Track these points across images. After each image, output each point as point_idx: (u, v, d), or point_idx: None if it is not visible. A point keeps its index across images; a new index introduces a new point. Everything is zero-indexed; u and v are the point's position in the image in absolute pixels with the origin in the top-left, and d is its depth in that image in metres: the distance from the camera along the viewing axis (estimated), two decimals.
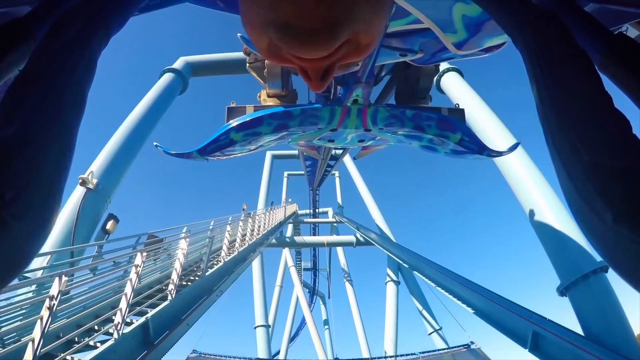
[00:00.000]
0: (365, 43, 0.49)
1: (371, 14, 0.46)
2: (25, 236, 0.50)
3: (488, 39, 1.85)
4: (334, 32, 0.44)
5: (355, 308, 26.88)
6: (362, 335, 24.86)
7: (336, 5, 0.43)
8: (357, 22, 0.45)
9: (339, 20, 0.44)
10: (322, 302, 37.57)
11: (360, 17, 0.45)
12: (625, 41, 0.76)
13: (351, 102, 2.69)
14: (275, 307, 26.37)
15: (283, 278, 28.20)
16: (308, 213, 30.64)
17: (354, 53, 0.50)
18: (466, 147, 2.93)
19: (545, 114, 0.65)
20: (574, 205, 0.58)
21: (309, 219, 30.15)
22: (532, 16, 0.73)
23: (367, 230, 21.18)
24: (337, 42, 0.45)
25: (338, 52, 0.48)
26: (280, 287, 27.76)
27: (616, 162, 0.52)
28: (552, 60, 0.67)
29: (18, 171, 0.50)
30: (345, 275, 29.82)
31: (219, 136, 2.74)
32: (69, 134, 0.61)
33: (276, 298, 27.04)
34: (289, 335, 29.15)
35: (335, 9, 0.43)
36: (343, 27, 0.44)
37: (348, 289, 28.42)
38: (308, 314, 19.73)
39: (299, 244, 24.59)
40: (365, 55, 0.52)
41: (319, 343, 17.46)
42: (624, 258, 0.50)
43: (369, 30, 0.48)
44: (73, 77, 0.64)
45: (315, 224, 30.51)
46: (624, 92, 0.73)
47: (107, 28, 0.74)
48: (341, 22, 0.44)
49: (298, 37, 0.44)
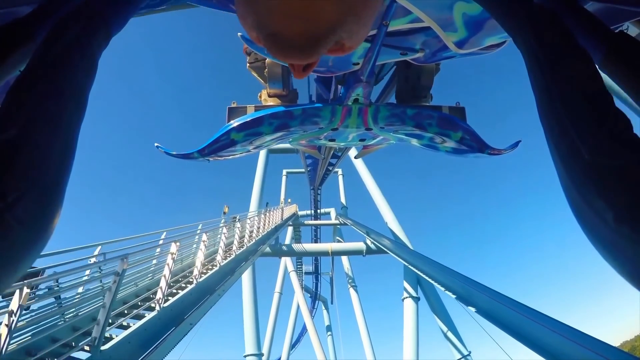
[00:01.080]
0: (349, 46, 0.53)
1: (357, 26, 0.50)
2: (28, 238, 0.50)
3: (489, 37, 1.85)
4: (316, 47, 0.48)
5: (360, 316, 25.56)
6: (368, 346, 24.00)
7: (322, 24, 0.46)
8: (341, 35, 0.49)
9: (323, 37, 0.47)
10: (324, 307, 36.22)
11: (345, 29, 0.49)
12: (626, 40, 0.76)
13: (352, 101, 2.70)
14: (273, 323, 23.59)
15: (283, 283, 26.53)
16: (309, 214, 29.01)
17: (336, 52, 0.54)
18: (467, 146, 2.93)
19: (546, 113, 0.65)
20: (575, 205, 0.58)
21: (310, 221, 28.25)
22: (532, 15, 0.73)
23: (379, 236, 18.28)
24: (318, 54, 0.49)
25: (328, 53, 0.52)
26: (279, 294, 25.98)
27: (617, 161, 0.52)
28: (552, 59, 0.66)
29: (20, 173, 0.50)
30: (350, 281, 28.23)
31: (220, 136, 2.75)
32: (71, 135, 0.61)
33: (275, 305, 25.20)
34: (290, 341, 27.94)
35: (321, 27, 0.46)
36: (326, 42, 0.48)
37: (352, 296, 27.07)
38: (309, 321, 18.69)
39: (299, 253, 22.23)
40: (346, 53, 0.57)
41: (321, 350, 16.20)
42: (625, 258, 0.49)
43: (352, 37, 0.52)
44: (74, 79, 0.64)
45: (316, 226, 28.52)
46: (625, 91, 0.73)
47: (107, 29, 0.74)
48: (324, 38, 0.47)
49: (283, 48, 0.48)
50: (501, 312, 7.18)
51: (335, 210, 30.43)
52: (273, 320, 24.11)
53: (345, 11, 0.47)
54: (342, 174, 31.33)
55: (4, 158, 0.50)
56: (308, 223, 27.87)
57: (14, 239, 0.47)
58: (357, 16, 0.49)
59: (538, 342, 5.96)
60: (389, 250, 16.78)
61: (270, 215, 16.95)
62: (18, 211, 0.48)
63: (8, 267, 0.49)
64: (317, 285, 33.68)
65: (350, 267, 29.35)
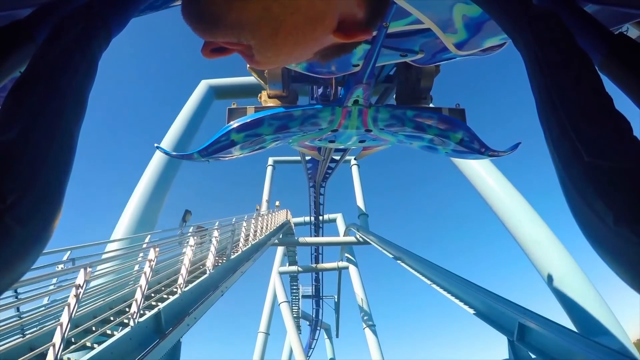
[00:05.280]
0: (257, 60, 0.57)
1: (269, 40, 0.53)
2: (28, 240, 0.50)
3: (488, 39, 1.85)
4: (213, 27, 0.52)
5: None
6: None
7: (235, 10, 0.49)
8: (247, 36, 0.53)
9: (223, 22, 0.51)
10: (326, 335, 27.97)
11: (255, 36, 0.53)
12: (626, 41, 0.76)
13: (352, 102, 2.70)
14: None
15: (270, 318, 19.31)
16: (307, 222, 21.39)
17: (247, 58, 0.58)
18: (467, 147, 2.94)
19: (545, 114, 0.65)
20: (575, 207, 0.58)
21: (311, 239, 19.69)
22: (532, 16, 0.73)
23: (432, 269, 10.42)
24: (212, 36, 0.54)
25: (231, 45, 0.56)
26: (265, 335, 19.20)
27: (617, 163, 0.52)
28: (552, 60, 0.66)
29: (20, 174, 0.50)
30: (365, 318, 19.13)
31: (220, 137, 2.75)
32: (70, 137, 0.61)
33: (260, 349, 18.71)
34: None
35: (231, 12, 0.50)
36: (224, 30, 0.52)
37: (369, 339, 18.48)
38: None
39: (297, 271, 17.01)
40: (257, 67, 0.61)
41: None
42: (626, 260, 0.49)
43: (261, 51, 0.55)
44: (74, 80, 0.64)
45: (319, 245, 20.18)
46: (625, 92, 0.73)
47: (107, 30, 0.74)
48: (224, 25, 0.51)
49: (189, 10, 0.53)
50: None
51: (342, 217, 23.10)
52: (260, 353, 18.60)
53: (263, 18, 0.50)
54: (356, 163, 22.07)
55: (3, 159, 0.50)
56: (308, 242, 19.34)
57: (14, 240, 0.47)
58: (275, 32, 0.52)
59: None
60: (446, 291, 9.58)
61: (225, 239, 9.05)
62: (18, 212, 0.48)
63: (8, 269, 0.48)
64: (318, 312, 26.04)
65: (364, 295, 19.92)
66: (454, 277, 9.99)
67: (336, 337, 26.30)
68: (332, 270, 21.81)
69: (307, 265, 21.50)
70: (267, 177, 22.14)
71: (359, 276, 20.60)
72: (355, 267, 20.83)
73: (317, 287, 24.61)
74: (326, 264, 21.72)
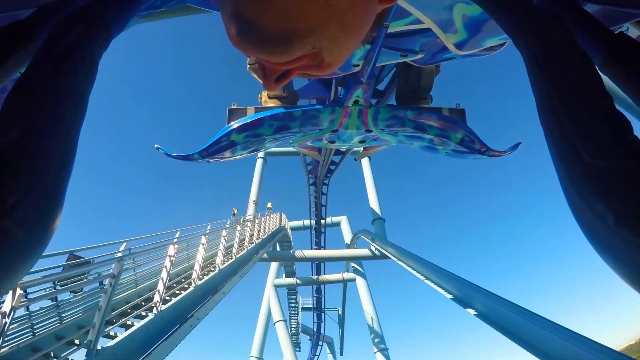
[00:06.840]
0: (328, 62, 0.50)
1: (340, 34, 0.48)
2: (28, 242, 0.50)
3: (489, 39, 1.85)
4: (290, 44, 0.45)
5: None
6: None
7: (301, 19, 0.43)
8: (320, 39, 0.46)
9: (297, 34, 0.44)
10: (329, 349, 24.76)
11: (326, 36, 0.46)
12: (626, 41, 0.76)
13: (352, 103, 2.70)
14: None
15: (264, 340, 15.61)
16: (306, 226, 18.56)
17: (314, 68, 0.51)
18: (467, 147, 2.94)
19: (546, 114, 0.65)
20: (575, 208, 0.57)
21: (310, 252, 16.85)
22: (532, 16, 0.73)
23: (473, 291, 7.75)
24: (291, 54, 0.46)
25: (298, 61, 0.48)
26: None
27: (617, 164, 0.52)
28: (552, 60, 0.66)
29: (20, 176, 0.50)
30: (376, 340, 15.96)
31: (221, 138, 2.76)
32: (71, 138, 0.61)
33: None
34: None
35: (299, 24, 0.44)
36: (300, 41, 0.45)
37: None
38: None
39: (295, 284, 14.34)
40: (325, 73, 0.53)
41: None
42: (626, 261, 0.49)
43: (333, 50, 0.49)
44: (74, 81, 0.64)
45: (322, 260, 17.10)
46: (625, 92, 0.73)
47: (107, 31, 0.74)
48: (298, 36, 0.45)
49: (255, 38, 0.45)
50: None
51: (347, 220, 19.65)
52: None
53: (329, 15, 0.45)
54: (369, 157, 17.32)
55: (3, 161, 0.50)
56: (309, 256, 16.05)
57: (14, 242, 0.47)
58: (342, 24, 0.46)
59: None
60: None
61: None
62: (18, 214, 0.48)
63: (8, 271, 0.48)
64: (319, 326, 23.15)
65: (374, 311, 16.62)
66: (513, 308, 6.47)
67: (340, 355, 23.69)
68: (336, 282, 19.21)
69: (306, 277, 18.96)
70: (256, 172, 17.90)
71: (368, 290, 17.53)
72: (364, 279, 17.84)
73: (318, 299, 21.63)
74: (329, 276, 19.03)
